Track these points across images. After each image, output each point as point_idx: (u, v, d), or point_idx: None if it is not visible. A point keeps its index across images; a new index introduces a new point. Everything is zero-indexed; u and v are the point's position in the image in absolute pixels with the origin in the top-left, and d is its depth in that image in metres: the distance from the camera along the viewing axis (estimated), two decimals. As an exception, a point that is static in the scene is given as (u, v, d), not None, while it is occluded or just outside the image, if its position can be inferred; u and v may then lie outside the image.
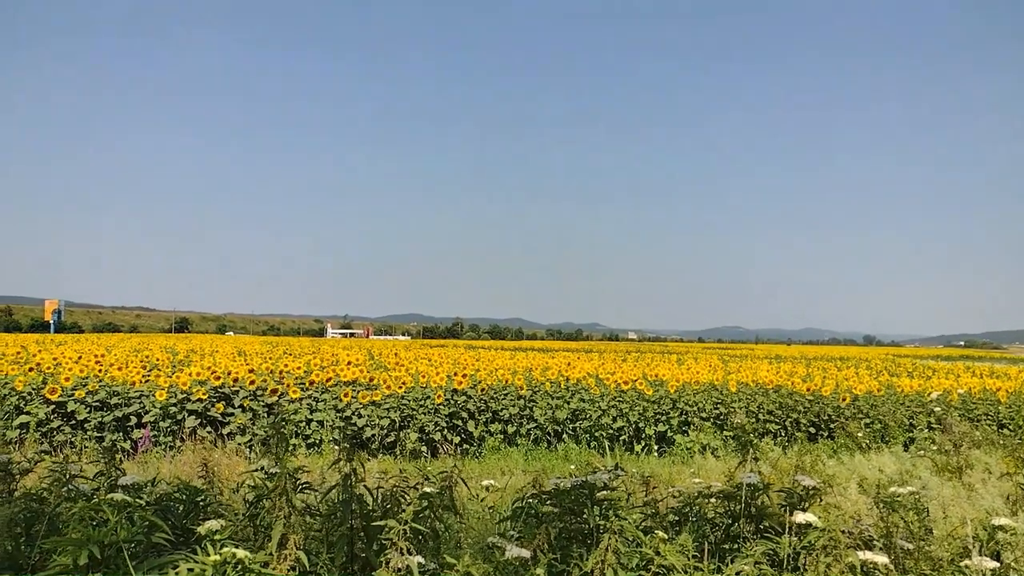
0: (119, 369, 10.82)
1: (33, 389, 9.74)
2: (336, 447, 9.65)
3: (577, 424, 11.05)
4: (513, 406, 10.94)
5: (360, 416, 10.19)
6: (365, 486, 2.43)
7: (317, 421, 10.07)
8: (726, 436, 11.04)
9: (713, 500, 3.24)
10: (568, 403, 11.21)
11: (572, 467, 8.64)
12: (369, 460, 9.54)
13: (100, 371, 10.74)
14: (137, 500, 1.95)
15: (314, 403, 10.37)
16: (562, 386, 11.76)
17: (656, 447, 11.02)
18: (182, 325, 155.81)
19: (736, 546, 2.65)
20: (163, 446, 9.42)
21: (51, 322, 77.51)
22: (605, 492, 2.49)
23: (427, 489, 2.45)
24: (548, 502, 2.53)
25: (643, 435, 11.13)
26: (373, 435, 10.06)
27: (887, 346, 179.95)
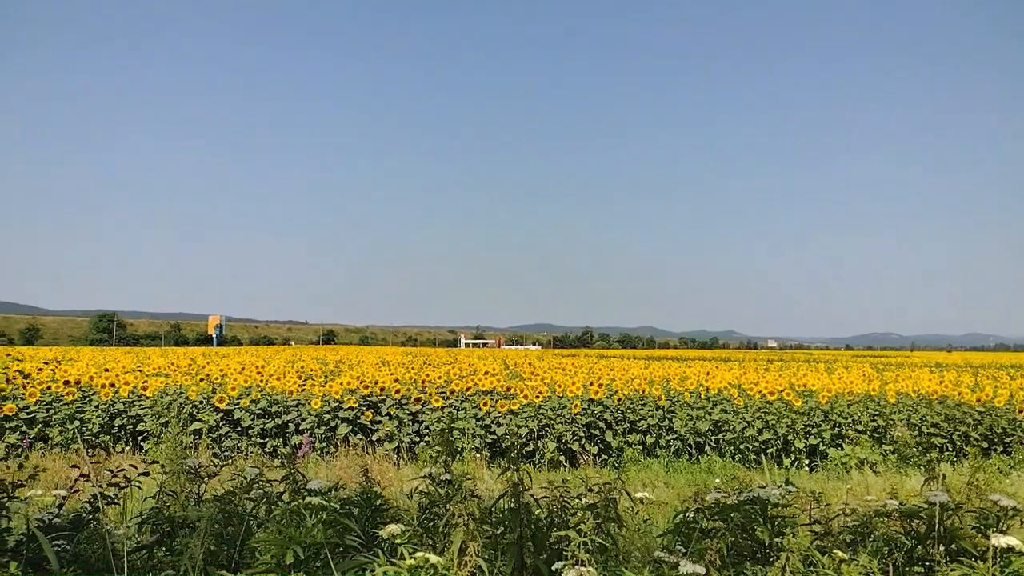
0: (277, 379, 11.60)
1: (204, 398, 10.62)
2: (477, 455, 9.85)
3: (720, 436, 10.66)
4: (651, 416, 10.73)
5: (499, 425, 10.35)
6: (531, 495, 2.44)
7: (459, 429, 10.32)
8: (885, 450, 10.28)
9: (887, 519, 3.00)
10: (710, 414, 10.85)
11: (717, 481, 8.33)
12: (509, 469, 9.67)
13: (261, 381, 11.56)
14: (332, 504, 2.06)
15: (455, 411, 10.64)
16: (702, 396, 11.40)
17: (807, 461, 10.42)
18: (328, 337, 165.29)
19: (924, 570, 2.43)
20: (318, 451, 9.98)
21: (214, 336, 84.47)
22: (778, 508, 2.37)
23: (591, 500, 2.44)
24: (714, 517, 2.44)
25: (792, 448, 10.57)
26: (512, 444, 10.17)
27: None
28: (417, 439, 10.44)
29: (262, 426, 10.27)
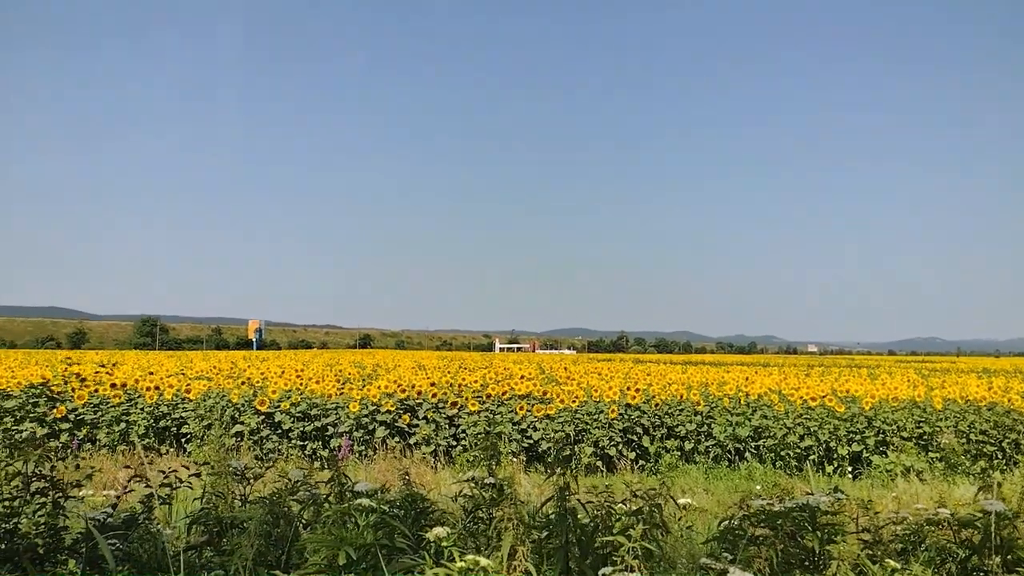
0: (317, 383, 11.75)
1: (245, 401, 10.80)
2: (514, 459, 9.85)
3: (760, 442, 10.50)
4: (690, 422, 10.61)
5: (535, 429, 10.34)
6: (578, 499, 2.43)
7: (496, 433, 10.33)
8: (932, 458, 10.02)
9: (938, 528, 2.92)
10: (749, 420, 10.69)
11: (758, 488, 8.21)
12: (546, 474, 9.65)
13: (300, 385, 11.72)
14: (381, 506, 2.09)
15: (491, 416, 10.65)
16: (741, 402, 11.24)
17: (850, 468, 10.21)
18: (365, 341, 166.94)
19: (980, 582, 2.36)
20: (356, 454, 10.08)
21: (253, 340, 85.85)
22: (826, 516, 2.33)
23: (635, 506, 2.42)
24: (760, 524, 2.40)
25: (835, 455, 10.36)
26: (548, 448, 10.15)
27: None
28: (454, 443, 10.48)
29: (302, 429, 10.41)
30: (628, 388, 11.30)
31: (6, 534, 2.65)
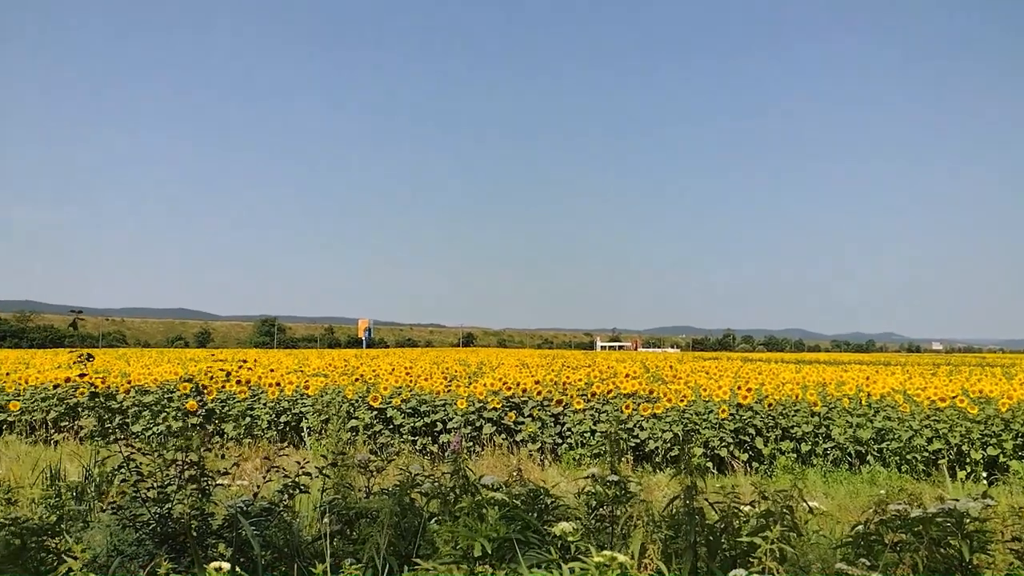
0: (425, 380, 12.07)
1: (359, 397, 11.24)
2: (622, 459, 9.76)
3: (883, 445, 9.94)
4: (806, 423, 10.18)
5: (642, 429, 10.20)
6: (706, 499, 2.40)
7: (601, 432, 10.28)
8: (1082, 465, 9.17)
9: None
10: (871, 421, 10.14)
11: (882, 492, 7.77)
12: (654, 474, 9.51)
13: (410, 382, 12.07)
14: (514, 500, 2.14)
15: (597, 414, 10.61)
16: (863, 402, 10.68)
17: (984, 474, 9.50)
18: (467, 340, 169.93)
19: None
20: (464, 450, 10.29)
21: (363, 339, 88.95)
22: (974, 522, 2.18)
23: (763, 507, 2.35)
24: (899, 529, 2.28)
25: (967, 460, 9.67)
26: (656, 448, 10.00)
27: None
28: (560, 440, 10.50)
29: (412, 424, 10.72)
30: (738, 388, 10.96)
31: (161, 517, 2.90)
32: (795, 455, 9.93)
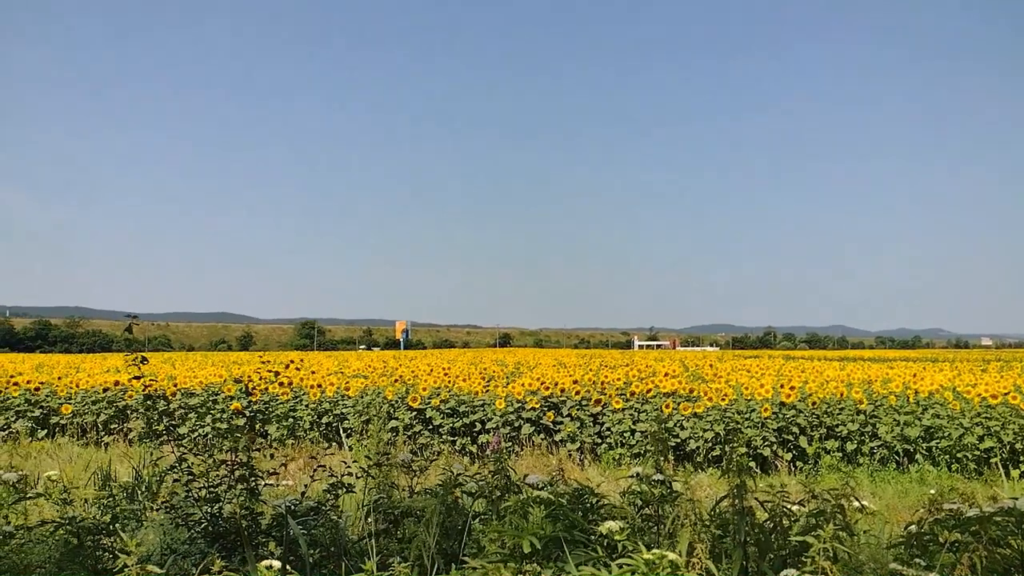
0: (463, 380, 12.12)
1: (399, 398, 11.34)
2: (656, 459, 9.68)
3: (933, 443, 9.69)
4: (851, 422, 9.97)
5: (682, 428, 10.11)
6: (755, 498, 2.37)
7: (641, 432, 10.21)
8: None
9: None
10: (919, 419, 9.90)
11: (932, 492, 7.57)
12: (696, 473, 9.41)
13: (448, 382, 12.14)
14: (559, 499, 2.15)
15: (636, 414, 10.54)
16: (910, 400, 10.42)
17: (1041, 473, 9.20)
18: (504, 340, 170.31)
19: None
20: (503, 450, 10.31)
21: (400, 340, 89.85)
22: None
23: (813, 507, 2.31)
24: (955, 529, 2.22)
25: (1021, 458, 9.38)
26: (697, 448, 9.90)
27: None
28: (599, 440, 10.46)
29: (451, 425, 10.78)
30: (781, 386, 10.78)
31: (213, 517, 2.97)
32: (840, 454, 9.75)
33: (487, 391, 11.35)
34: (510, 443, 10.43)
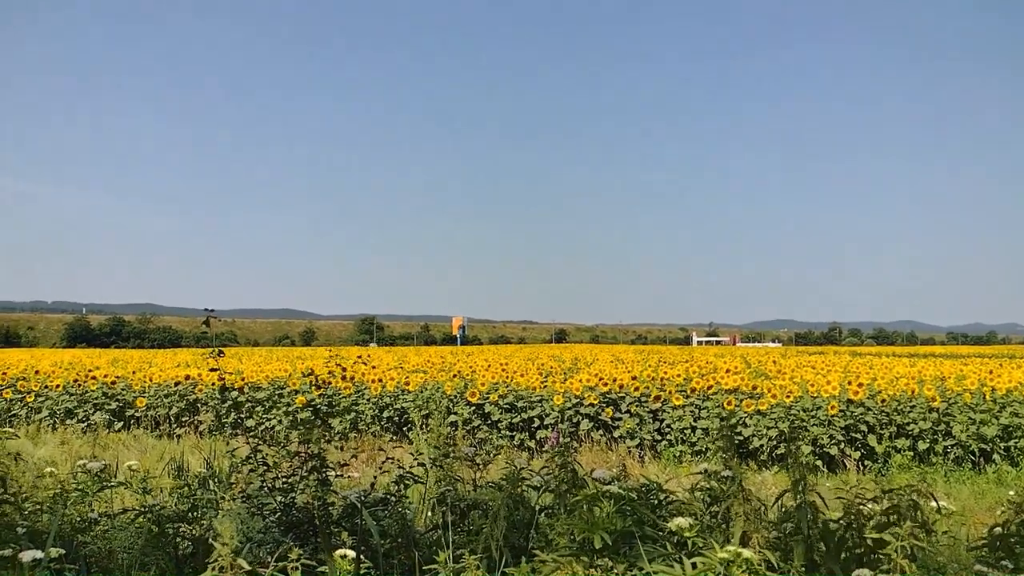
0: (521, 376, 12.15)
1: (458, 393, 11.45)
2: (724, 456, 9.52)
3: (1011, 443, 9.28)
4: (923, 420, 9.62)
5: (746, 426, 9.92)
6: (818, 494, 2.32)
7: (702, 429, 10.06)
8: None
9: None
10: (997, 418, 9.48)
11: (1011, 493, 7.25)
12: (760, 472, 9.22)
13: (506, 378, 12.19)
14: (629, 494, 2.15)
15: (697, 411, 10.39)
16: (987, 398, 9.99)
17: None
18: (560, 336, 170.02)
19: None
20: (561, 446, 10.30)
21: (457, 336, 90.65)
22: None
23: (886, 504, 2.24)
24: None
25: (1110, 460, 8.89)
26: (760, 446, 9.70)
27: None
28: (659, 437, 10.35)
29: (510, 420, 10.83)
30: (849, 383, 10.46)
31: (286, 506, 3.07)
32: (912, 453, 9.41)
33: (544, 387, 11.35)
34: (568, 439, 10.40)
